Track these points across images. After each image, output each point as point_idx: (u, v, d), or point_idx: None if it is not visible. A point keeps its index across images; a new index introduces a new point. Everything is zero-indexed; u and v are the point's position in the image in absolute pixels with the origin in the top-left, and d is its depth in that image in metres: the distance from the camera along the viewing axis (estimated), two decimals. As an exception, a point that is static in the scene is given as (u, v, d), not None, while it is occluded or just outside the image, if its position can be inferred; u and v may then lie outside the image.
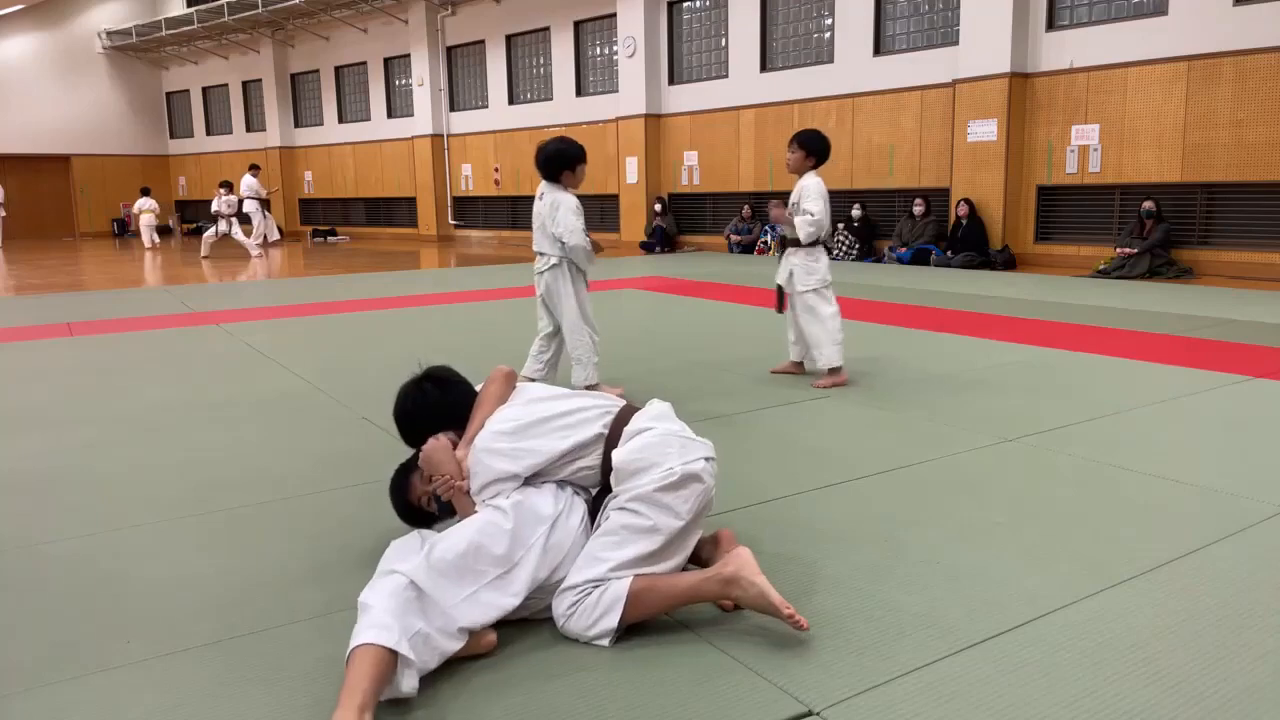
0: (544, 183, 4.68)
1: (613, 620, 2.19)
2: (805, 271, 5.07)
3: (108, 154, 25.45)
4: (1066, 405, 4.47)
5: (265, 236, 18.10)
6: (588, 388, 4.53)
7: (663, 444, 2.34)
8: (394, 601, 2.03)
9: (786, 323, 5.34)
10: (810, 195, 4.94)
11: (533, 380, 4.61)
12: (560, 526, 2.34)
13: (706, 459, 2.36)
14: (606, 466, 2.39)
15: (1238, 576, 2.53)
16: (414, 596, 2.07)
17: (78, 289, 11.57)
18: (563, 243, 4.61)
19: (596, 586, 2.22)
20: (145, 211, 19.48)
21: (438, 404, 2.73)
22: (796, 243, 5.08)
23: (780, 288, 5.22)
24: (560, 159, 4.58)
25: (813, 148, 4.99)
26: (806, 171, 5.01)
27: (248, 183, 18.03)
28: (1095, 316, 7.30)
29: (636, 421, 2.44)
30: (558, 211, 4.57)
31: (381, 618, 1.99)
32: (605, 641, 2.20)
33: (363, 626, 1.99)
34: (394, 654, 1.93)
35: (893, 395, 4.77)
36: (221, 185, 16.59)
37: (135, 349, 6.67)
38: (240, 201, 17.28)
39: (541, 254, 4.74)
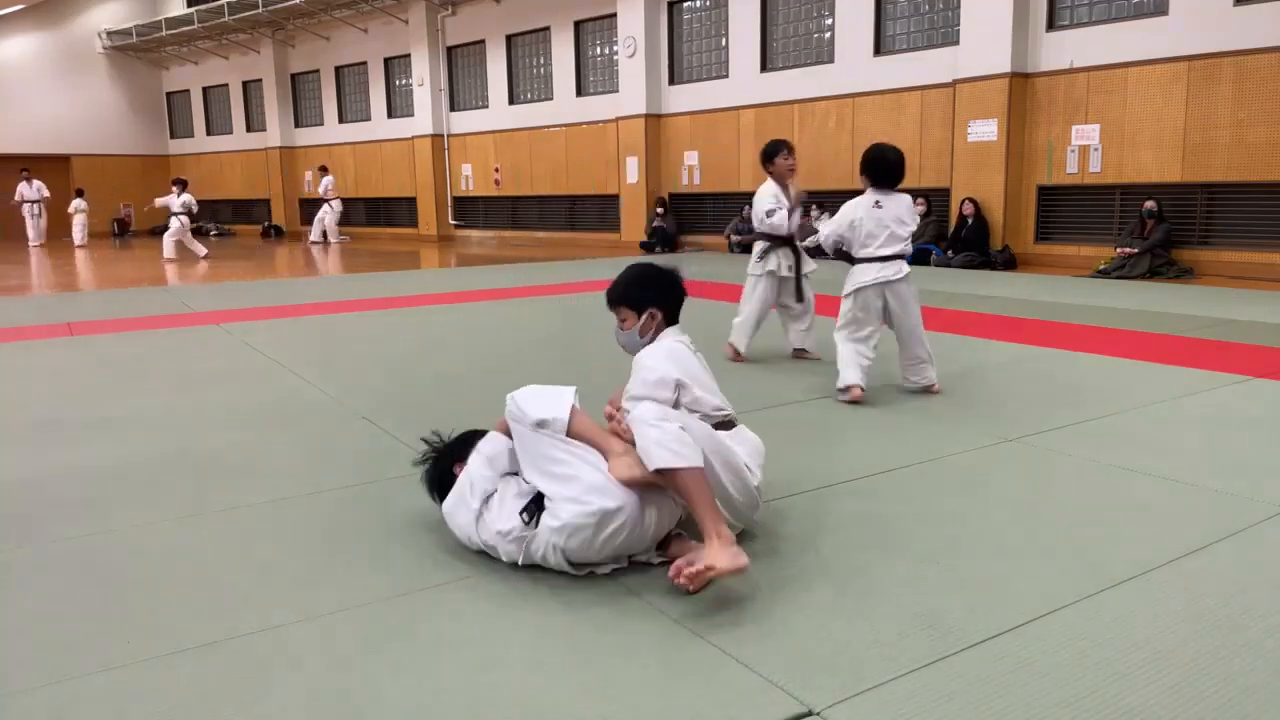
0: (876, 190, 4.61)
1: (680, 463, 2.43)
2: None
3: (108, 154, 25.45)
4: (1067, 405, 4.47)
5: (325, 235, 19.34)
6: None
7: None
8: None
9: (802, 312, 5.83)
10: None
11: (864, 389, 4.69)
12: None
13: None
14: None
15: (1238, 576, 2.53)
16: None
17: (78, 289, 11.57)
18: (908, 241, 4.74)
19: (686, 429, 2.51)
20: (79, 212, 19.85)
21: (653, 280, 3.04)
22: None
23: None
24: (904, 164, 4.68)
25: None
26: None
27: (326, 183, 19.23)
28: (1095, 316, 7.30)
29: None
30: (911, 211, 4.70)
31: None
32: (661, 460, 2.43)
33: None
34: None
35: (892, 395, 4.76)
36: (175, 183, 16.40)
37: (135, 349, 6.66)
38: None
39: (889, 259, 4.61)
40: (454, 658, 2.17)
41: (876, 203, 4.59)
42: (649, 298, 2.94)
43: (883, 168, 4.62)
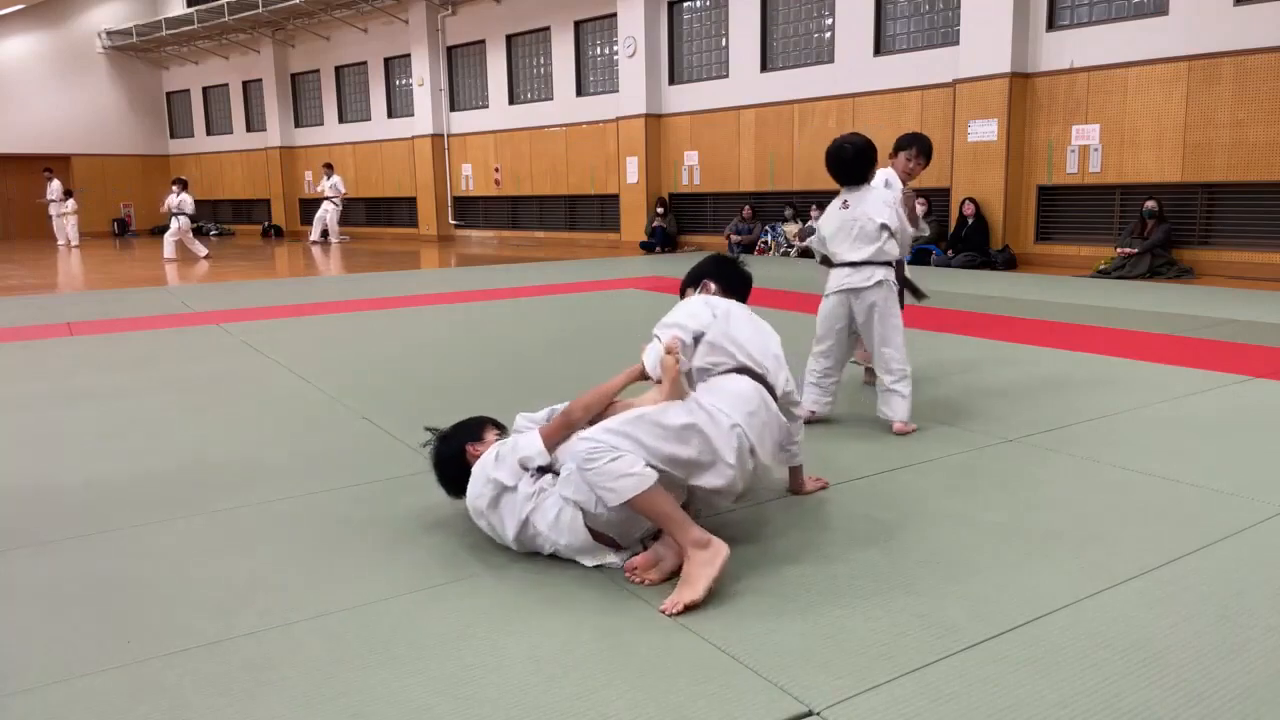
0: (845, 189, 4.14)
1: (624, 496, 2.43)
2: None
3: (108, 154, 25.46)
4: (1067, 405, 4.47)
5: (326, 234, 19.53)
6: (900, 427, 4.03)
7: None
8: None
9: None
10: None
11: (816, 413, 4.20)
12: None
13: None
14: None
15: (1238, 576, 2.53)
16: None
17: (78, 289, 11.58)
18: (892, 235, 4.02)
19: (620, 455, 2.44)
20: (71, 214, 19.93)
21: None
22: None
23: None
24: (871, 154, 4.09)
25: None
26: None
27: (334, 182, 19.39)
28: (1096, 316, 7.30)
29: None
30: (888, 204, 4.04)
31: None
32: (613, 500, 2.44)
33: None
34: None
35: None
36: (175, 183, 16.48)
37: (135, 349, 6.67)
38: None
39: (864, 264, 4.04)
40: (454, 658, 2.17)
41: (844, 203, 4.12)
42: (705, 272, 3.25)
43: (837, 166, 4.11)
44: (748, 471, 2.67)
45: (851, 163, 4.09)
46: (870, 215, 4.03)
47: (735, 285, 3.20)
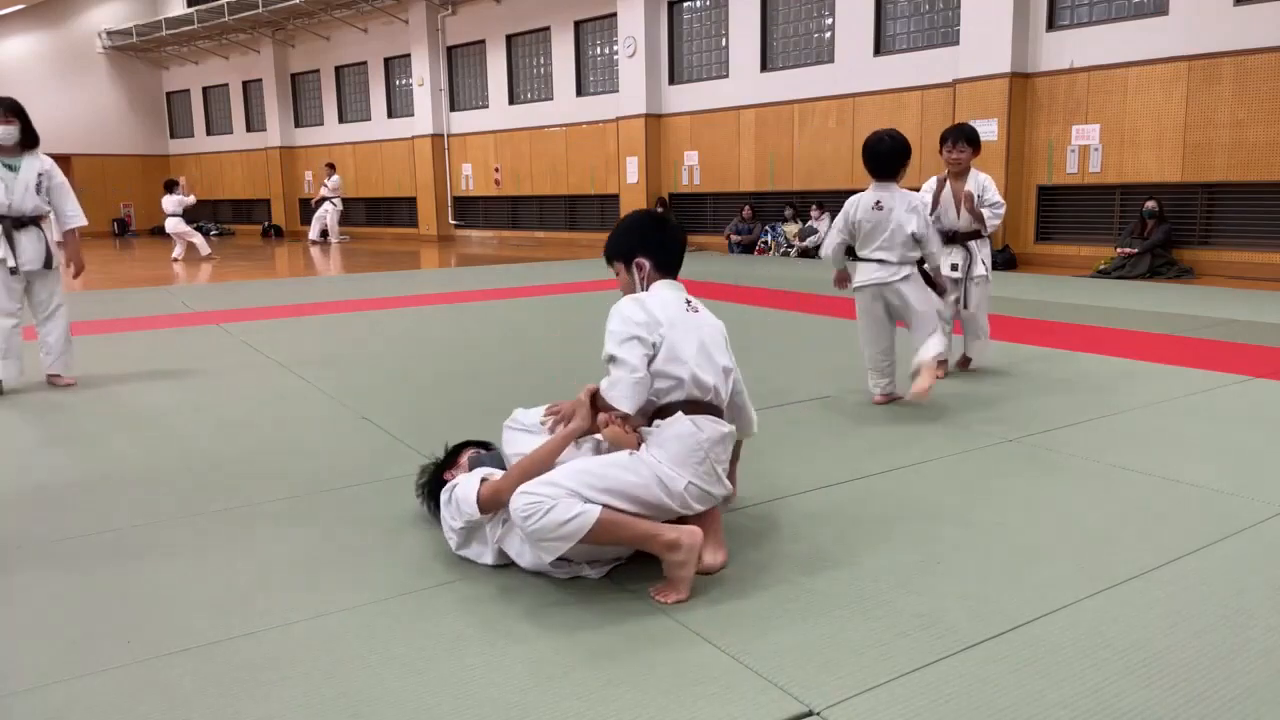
0: (878, 184, 4.33)
1: (572, 540, 2.35)
2: (987, 259, 5.37)
3: (108, 154, 25.45)
4: (1067, 405, 4.47)
5: (325, 233, 19.57)
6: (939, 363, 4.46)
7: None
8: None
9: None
10: (992, 188, 5.33)
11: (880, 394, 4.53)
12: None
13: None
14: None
15: (1238, 576, 2.53)
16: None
17: (78, 289, 11.57)
18: (918, 240, 4.32)
19: (555, 503, 2.34)
20: None
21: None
22: (975, 234, 5.31)
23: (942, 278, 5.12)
24: (906, 153, 4.28)
25: (979, 143, 5.27)
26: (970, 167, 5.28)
27: (334, 182, 19.47)
28: (1095, 316, 7.30)
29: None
30: (917, 213, 4.29)
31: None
32: (560, 550, 2.37)
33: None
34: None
35: (893, 395, 4.76)
36: (166, 184, 16.54)
37: (135, 349, 6.67)
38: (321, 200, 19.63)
39: (887, 262, 4.34)
40: (454, 658, 2.17)
41: (877, 203, 4.31)
42: (632, 245, 2.77)
43: (871, 159, 4.31)
44: (710, 498, 2.60)
45: (886, 157, 4.29)
46: (901, 224, 4.31)
47: (670, 256, 2.79)
